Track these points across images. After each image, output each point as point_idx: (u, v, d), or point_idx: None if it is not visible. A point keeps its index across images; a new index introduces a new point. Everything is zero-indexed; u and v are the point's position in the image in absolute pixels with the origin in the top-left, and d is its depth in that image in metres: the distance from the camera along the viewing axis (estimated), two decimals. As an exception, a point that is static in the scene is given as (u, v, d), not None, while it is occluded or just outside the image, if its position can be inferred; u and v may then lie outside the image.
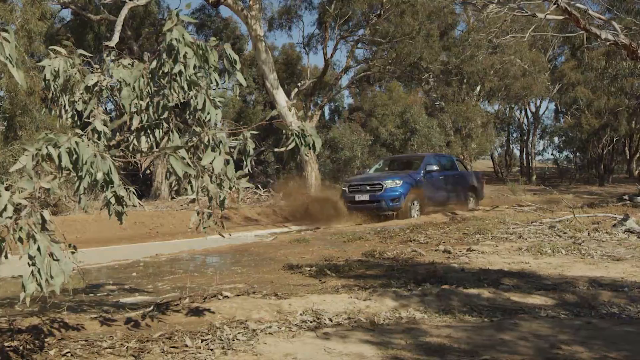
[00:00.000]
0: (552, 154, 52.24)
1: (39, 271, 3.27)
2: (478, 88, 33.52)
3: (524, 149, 48.86)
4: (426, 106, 34.21)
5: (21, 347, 4.33)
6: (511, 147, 51.87)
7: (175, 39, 3.98)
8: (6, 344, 4.41)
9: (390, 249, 10.34)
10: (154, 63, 4.22)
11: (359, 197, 18.24)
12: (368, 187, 18.30)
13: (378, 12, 27.42)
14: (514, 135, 51.35)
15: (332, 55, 30.66)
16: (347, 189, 18.88)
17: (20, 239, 3.31)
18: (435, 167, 19.41)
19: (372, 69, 30.99)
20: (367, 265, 8.69)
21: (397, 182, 18.03)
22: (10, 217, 3.28)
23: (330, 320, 5.45)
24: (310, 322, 5.38)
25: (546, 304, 6.16)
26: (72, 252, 3.56)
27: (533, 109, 46.33)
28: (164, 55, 4.10)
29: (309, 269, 8.39)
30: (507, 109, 45.50)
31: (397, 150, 29.21)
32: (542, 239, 10.83)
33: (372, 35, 28.51)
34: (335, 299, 6.17)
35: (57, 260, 3.36)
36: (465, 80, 32.06)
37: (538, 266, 8.27)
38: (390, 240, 11.83)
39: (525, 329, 5.15)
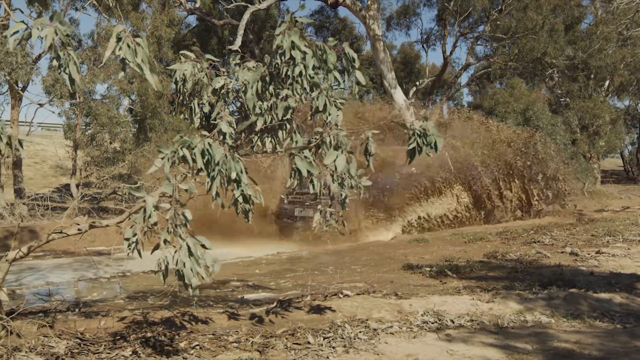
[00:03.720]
0: (689, 152, 48.75)
1: (194, 265, 3.44)
2: (606, 83, 31.84)
3: (658, 147, 45.89)
4: (550, 103, 32.87)
5: (155, 339, 4.55)
6: (643, 145, 48.77)
7: (292, 42, 4.03)
8: (141, 335, 4.65)
9: (513, 251, 10.04)
10: (265, 66, 4.30)
11: (300, 212, 13.76)
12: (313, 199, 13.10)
13: (499, 8, 26.70)
14: (647, 132, 48.28)
15: (451, 53, 30.22)
16: (285, 198, 14.19)
17: (165, 241, 3.46)
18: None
19: (492, 65, 30.23)
20: (489, 267, 8.48)
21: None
22: (155, 224, 3.47)
23: (452, 321, 5.36)
24: (432, 323, 5.31)
25: (686, 311, 5.78)
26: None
27: (668, 104, 43.47)
28: (277, 58, 4.17)
29: (429, 269, 8.30)
30: (639, 104, 42.93)
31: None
32: (680, 242, 10.16)
33: (492, 32, 27.80)
34: (456, 300, 6.06)
35: (208, 248, 3.53)
36: (592, 75, 30.54)
37: (676, 271, 7.76)
38: (513, 242, 11.49)
39: (663, 338, 4.84)
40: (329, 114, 4.32)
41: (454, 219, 15.64)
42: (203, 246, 3.49)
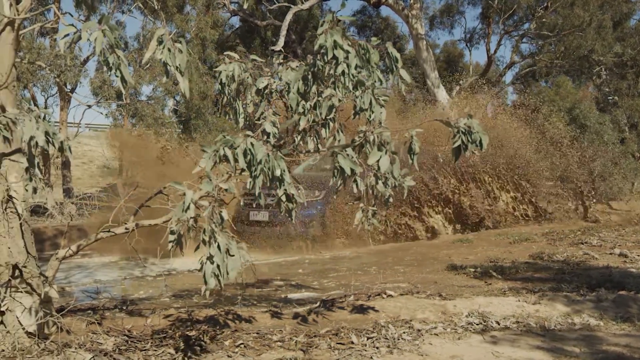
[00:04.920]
0: None
1: (218, 267, 3.45)
2: (657, 80, 31.07)
3: None
4: (597, 101, 32.19)
5: (199, 337, 4.61)
6: (695, 144, 47.38)
7: (334, 41, 4.01)
8: (185, 333, 4.71)
9: (560, 252, 9.86)
10: (307, 65, 4.30)
11: (255, 216, 11.98)
12: (270, 200, 11.92)
13: (545, 5, 26.26)
14: (699, 130, 46.88)
15: (495, 51, 29.83)
16: (242, 199, 12.93)
17: (203, 241, 3.49)
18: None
19: (538, 64, 29.75)
20: (535, 268, 8.35)
21: (317, 193, 11.82)
22: (193, 217, 3.49)
23: (498, 323, 5.29)
24: (477, 324, 5.25)
25: None
26: (241, 249, 3.71)
27: None
28: (319, 57, 4.16)
29: (473, 270, 8.20)
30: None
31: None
32: None
33: (538, 29, 27.34)
34: (502, 301, 5.98)
35: (233, 256, 3.53)
36: (642, 73, 29.83)
37: None
38: (559, 242, 11.29)
39: None
40: (372, 112, 4.30)
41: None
42: (227, 251, 3.49)
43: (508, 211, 15.32)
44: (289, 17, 14.62)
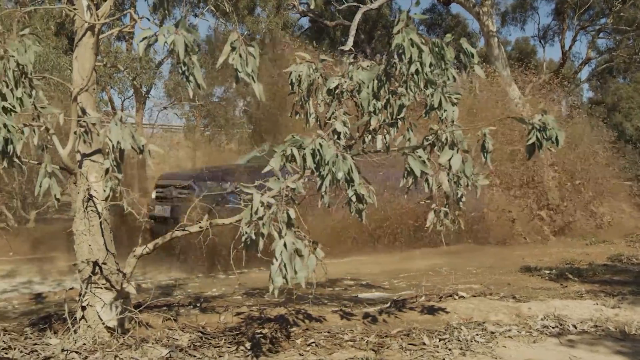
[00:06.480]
0: None
1: (285, 266, 3.47)
2: None
3: None
4: (680, 97, 30.98)
5: (272, 335, 4.66)
6: None
7: (410, 39, 3.97)
8: (257, 331, 4.77)
9: (641, 254, 9.51)
10: (383, 65, 4.28)
11: (159, 210, 10.46)
12: (175, 193, 10.35)
13: (623, -2, 25.41)
14: None
15: (570, 48, 29.00)
16: (155, 192, 11.22)
17: (262, 234, 3.52)
18: None
19: (615, 59, 28.80)
20: (613, 271, 8.08)
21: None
22: (261, 218, 3.52)
23: (575, 327, 5.14)
24: (553, 327, 5.11)
25: None
26: (315, 248, 3.73)
27: None
28: (395, 57, 4.13)
29: (548, 271, 8.00)
30: None
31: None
32: None
33: (615, 24, 26.46)
34: (579, 304, 5.81)
35: (302, 256, 3.54)
36: None
37: None
38: (639, 245, 10.89)
39: None
40: (445, 111, 4.25)
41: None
42: (296, 251, 3.50)
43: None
44: (358, 16, 14.59)
